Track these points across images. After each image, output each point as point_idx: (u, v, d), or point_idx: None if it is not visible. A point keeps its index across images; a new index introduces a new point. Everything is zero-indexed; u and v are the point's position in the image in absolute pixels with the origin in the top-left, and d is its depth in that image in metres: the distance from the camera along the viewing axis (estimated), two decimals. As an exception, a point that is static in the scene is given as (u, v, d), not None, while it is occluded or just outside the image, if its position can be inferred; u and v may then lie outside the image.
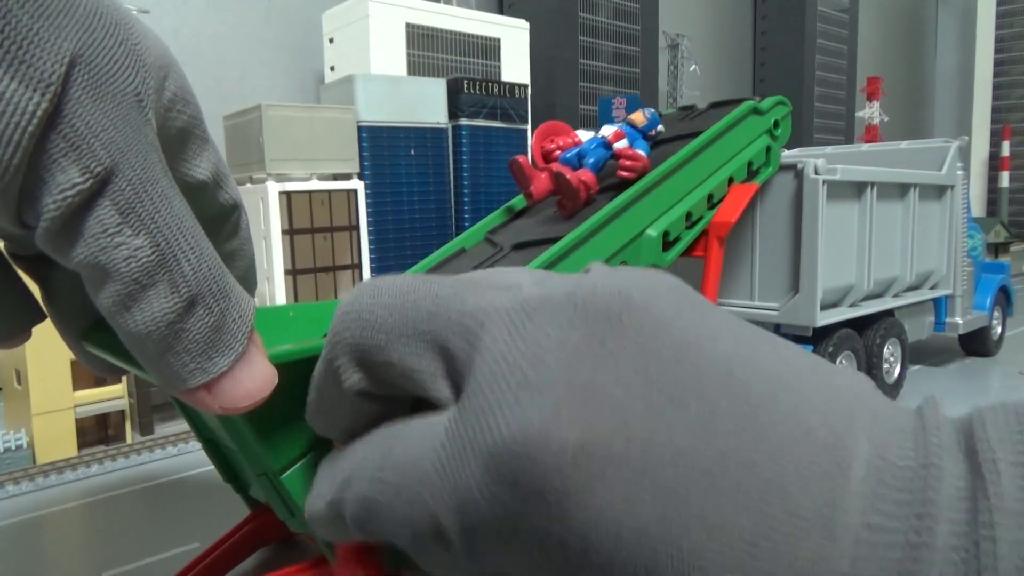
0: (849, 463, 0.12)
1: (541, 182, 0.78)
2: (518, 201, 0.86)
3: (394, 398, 0.17)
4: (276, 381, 0.19)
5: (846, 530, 0.11)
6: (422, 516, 0.14)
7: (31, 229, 0.17)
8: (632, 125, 0.80)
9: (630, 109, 3.05)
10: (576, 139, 0.81)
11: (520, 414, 0.13)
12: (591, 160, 0.77)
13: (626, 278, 0.14)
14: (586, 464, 0.12)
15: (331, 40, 2.43)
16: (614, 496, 0.12)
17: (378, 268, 1.80)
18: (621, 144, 0.78)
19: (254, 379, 0.18)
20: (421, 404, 0.16)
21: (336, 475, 0.17)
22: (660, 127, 0.81)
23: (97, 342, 0.21)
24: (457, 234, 1.61)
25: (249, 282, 0.27)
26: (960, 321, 1.15)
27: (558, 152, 0.80)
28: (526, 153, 2.28)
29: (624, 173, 0.75)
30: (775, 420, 0.12)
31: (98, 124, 0.16)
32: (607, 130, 0.80)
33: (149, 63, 0.18)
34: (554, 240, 0.67)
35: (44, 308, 0.22)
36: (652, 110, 0.81)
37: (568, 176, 0.73)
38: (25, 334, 0.22)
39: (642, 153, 0.76)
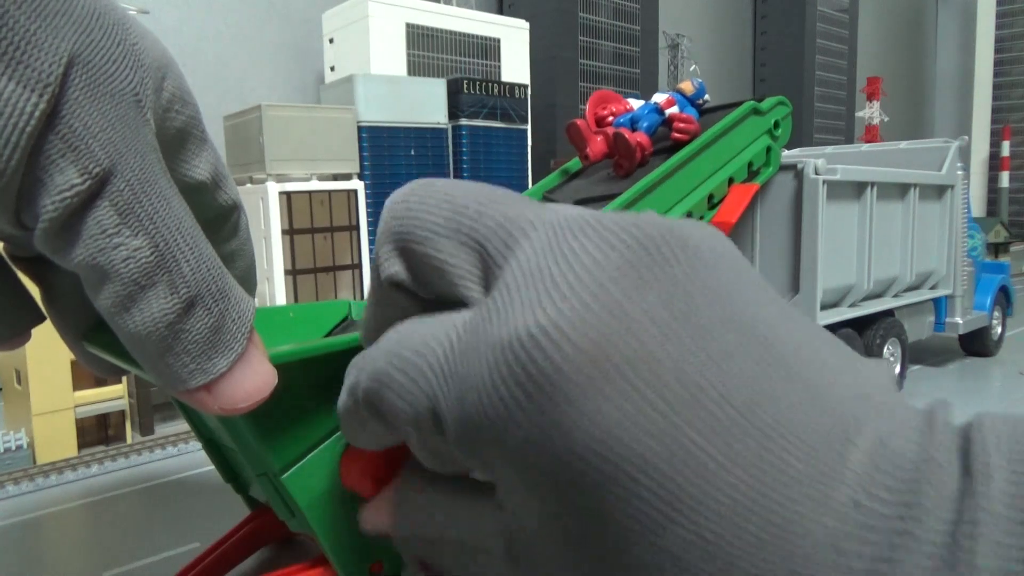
0: (852, 441, 0.12)
1: (597, 144, 0.83)
2: (572, 164, 0.90)
3: (426, 301, 0.17)
4: (276, 382, 0.19)
5: (835, 503, 0.11)
6: (425, 398, 0.14)
7: (29, 230, 0.17)
8: (681, 93, 0.85)
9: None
10: (628, 106, 0.86)
11: (540, 313, 0.13)
12: (644, 124, 0.82)
13: (683, 222, 0.14)
14: (591, 371, 0.12)
15: (331, 40, 2.43)
16: (612, 407, 0.12)
17: (378, 268, 1.80)
18: (673, 109, 0.83)
19: (254, 380, 0.18)
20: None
21: (359, 362, 0.17)
22: (707, 96, 0.86)
23: (97, 342, 0.21)
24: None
25: (249, 283, 0.27)
26: (960, 321, 1.15)
27: (611, 118, 0.85)
28: (526, 153, 2.28)
29: (678, 135, 0.80)
30: (788, 383, 0.12)
31: (96, 125, 0.16)
32: (659, 97, 0.85)
33: (147, 63, 0.18)
34: (612, 196, 0.72)
35: (43, 309, 0.22)
36: (700, 80, 0.87)
37: (627, 136, 0.78)
38: (25, 336, 0.22)
39: (694, 117, 0.82)
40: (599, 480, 0.12)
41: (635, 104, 0.85)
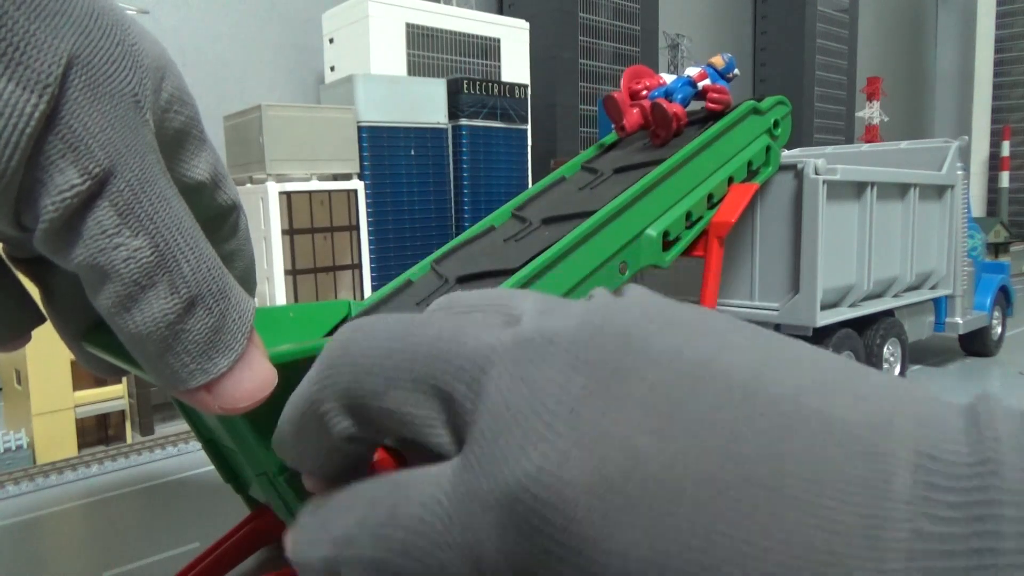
0: (893, 470, 0.11)
1: (633, 116, 0.87)
2: (608, 138, 0.93)
3: (379, 441, 0.16)
4: (276, 381, 0.19)
5: (895, 543, 0.10)
6: (437, 573, 0.14)
7: (29, 231, 0.17)
8: (713, 67, 0.89)
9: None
10: (661, 80, 0.90)
11: (527, 463, 0.12)
12: (679, 96, 0.86)
13: (627, 312, 0.14)
14: (600, 507, 0.12)
15: (331, 40, 2.43)
16: (633, 536, 0.11)
17: (378, 268, 1.80)
18: (707, 82, 0.87)
19: (253, 379, 0.18)
20: (410, 443, 0.15)
21: (331, 530, 0.16)
22: (737, 71, 0.90)
23: (97, 342, 0.21)
24: (457, 234, 1.61)
25: (249, 282, 0.27)
26: (960, 321, 1.15)
27: (645, 92, 0.88)
28: (526, 153, 2.28)
29: (712, 105, 0.86)
30: (802, 434, 0.12)
31: (96, 125, 0.16)
32: (691, 71, 0.89)
33: (146, 64, 0.18)
34: (651, 163, 0.77)
35: (43, 310, 0.22)
36: (730, 55, 0.90)
37: (664, 105, 0.83)
38: (25, 337, 0.22)
39: (727, 88, 0.87)
40: None
41: (668, 79, 0.89)
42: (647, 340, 0.13)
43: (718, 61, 0.89)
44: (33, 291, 0.21)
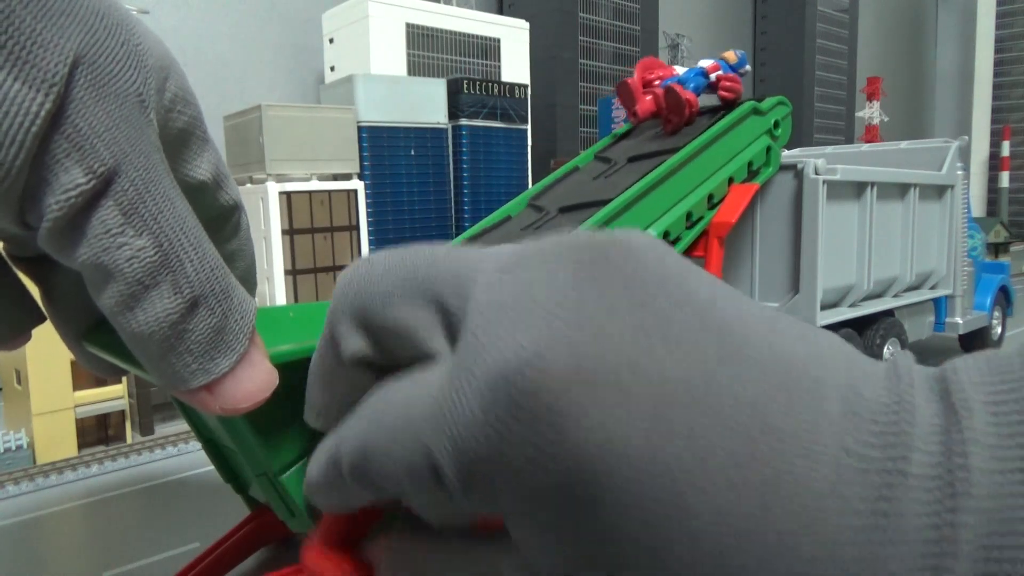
0: (826, 394, 0.13)
1: (646, 103, 0.89)
2: (621, 130, 0.96)
3: (390, 370, 0.17)
4: (276, 382, 0.19)
5: (825, 454, 0.12)
6: (418, 453, 0.14)
7: (32, 230, 0.17)
8: (725, 61, 0.92)
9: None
10: (674, 71, 0.92)
11: (514, 346, 0.13)
12: (691, 86, 0.88)
13: (615, 231, 0.15)
14: (579, 386, 0.12)
15: (331, 40, 2.43)
16: (606, 416, 0.12)
17: (378, 268, 1.80)
18: (719, 73, 0.90)
19: (254, 380, 0.18)
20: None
21: (333, 439, 0.17)
22: (748, 67, 0.93)
23: (97, 342, 0.21)
24: (457, 234, 1.61)
25: (249, 283, 0.27)
26: (960, 321, 1.15)
27: (658, 81, 0.90)
28: (526, 153, 2.28)
29: (725, 94, 0.88)
30: (755, 352, 0.13)
31: (101, 124, 0.16)
32: (704, 62, 0.92)
33: (151, 64, 0.18)
34: (664, 152, 0.78)
35: (43, 309, 0.22)
36: (742, 51, 0.93)
37: (679, 90, 0.85)
38: (25, 336, 0.22)
39: (739, 78, 0.90)
40: (608, 492, 0.12)
41: (680, 70, 0.92)
42: (631, 244, 0.14)
43: (731, 56, 0.91)
44: (33, 290, 0.21)
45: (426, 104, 1.94)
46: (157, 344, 0.17)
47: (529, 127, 2.25)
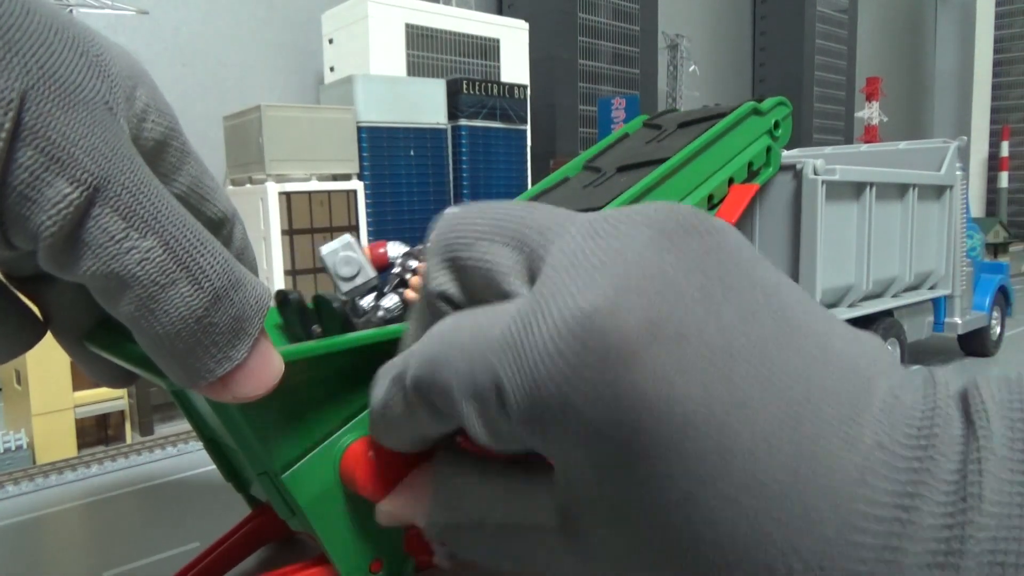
0: (870, 391, 0.14)
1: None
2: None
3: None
4: (283, 368, 0.19)
5: (861, 443, 0.13)
6: (486, 372, 0.15)
7: (19, 251, 0.16)
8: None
9: (629, 110, 3.05)
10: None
11: (592, 290, 0.14)
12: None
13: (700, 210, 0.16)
14: (647, 336, 0.13)
15: (331, 41, 2.43)
16: (669, 367, 0.13)
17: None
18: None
19: (264, 367, 0.18)
20: None
21: (400, 357, 0.18)
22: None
23: (99, 342, 0.21)
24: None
25: None
26: (959, 321, 1.15)
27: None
28: (525, 153, 2.28)
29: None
30: (809, 337, 0.14)
31: (75, 133, 0.16)
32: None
33: (114, 72, 0.18)
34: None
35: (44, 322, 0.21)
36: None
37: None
38: (29, 349, 0.22)
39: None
40: (658, 437, 0.13)
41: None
42: (712, 222, 0.15)
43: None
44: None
45: (425, 104, 1.94)
46: (184, 341, 0.17)
47: (528, 127, 2.25)
